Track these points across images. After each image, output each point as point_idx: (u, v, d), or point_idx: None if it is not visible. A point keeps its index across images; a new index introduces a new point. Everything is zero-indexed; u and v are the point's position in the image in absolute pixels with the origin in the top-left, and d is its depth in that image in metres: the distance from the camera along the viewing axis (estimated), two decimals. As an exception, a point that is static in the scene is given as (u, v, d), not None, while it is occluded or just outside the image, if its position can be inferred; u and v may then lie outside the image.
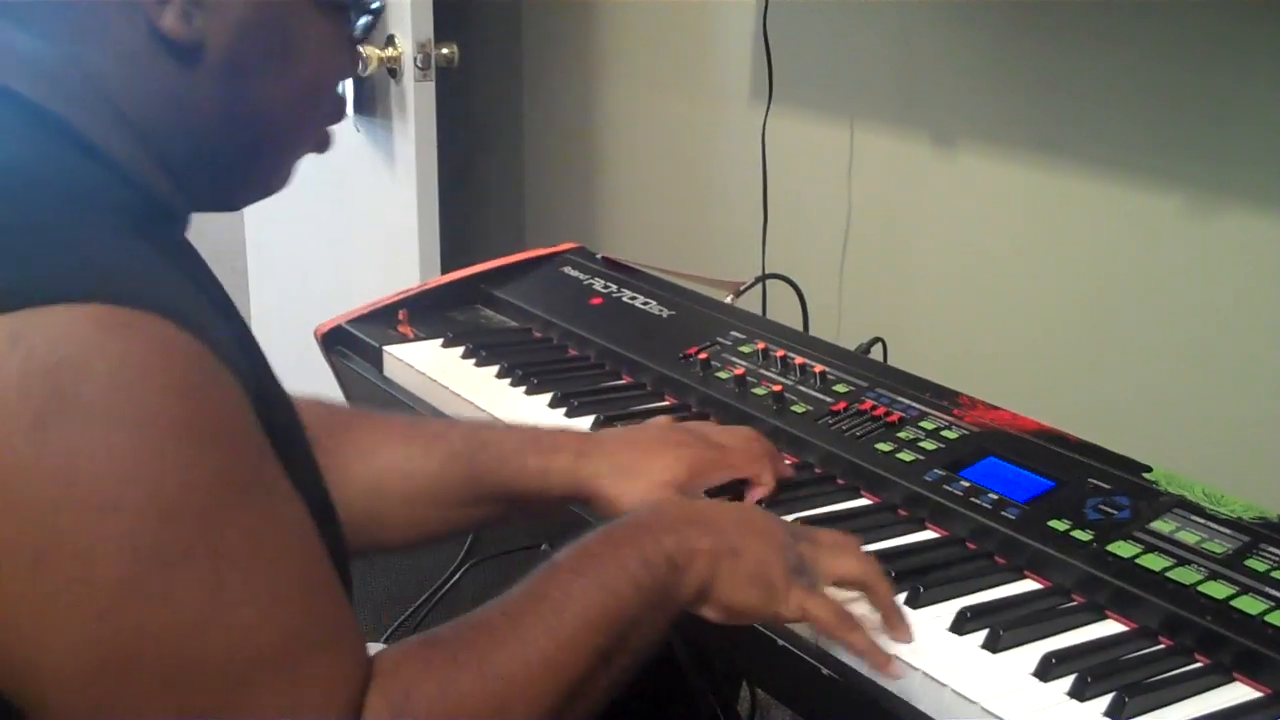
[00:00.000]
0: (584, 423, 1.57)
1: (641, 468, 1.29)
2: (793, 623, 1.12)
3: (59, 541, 0.77)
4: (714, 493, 1.33)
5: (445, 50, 2.66)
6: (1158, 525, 1.26)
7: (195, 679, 0.80)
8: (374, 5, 1.07)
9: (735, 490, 1.36)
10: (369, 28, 1.07)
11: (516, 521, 1.37)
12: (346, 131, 2.82)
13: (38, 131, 0.92)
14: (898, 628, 1.13)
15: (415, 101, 2.63)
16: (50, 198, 0.87)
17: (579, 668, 0.95)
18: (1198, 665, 1.12)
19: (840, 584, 1.14)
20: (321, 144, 1.08)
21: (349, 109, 2.71)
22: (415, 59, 2.61)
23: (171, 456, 0.79)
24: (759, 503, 1.35)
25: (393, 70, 2.65)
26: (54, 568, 0.77)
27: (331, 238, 3.06)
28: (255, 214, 3.41)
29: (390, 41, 2.64)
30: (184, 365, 0.81)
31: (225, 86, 0.97)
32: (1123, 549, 1.23)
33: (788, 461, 1.44)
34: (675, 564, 1.04)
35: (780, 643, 1.18)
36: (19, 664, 0.79)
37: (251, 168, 1.05)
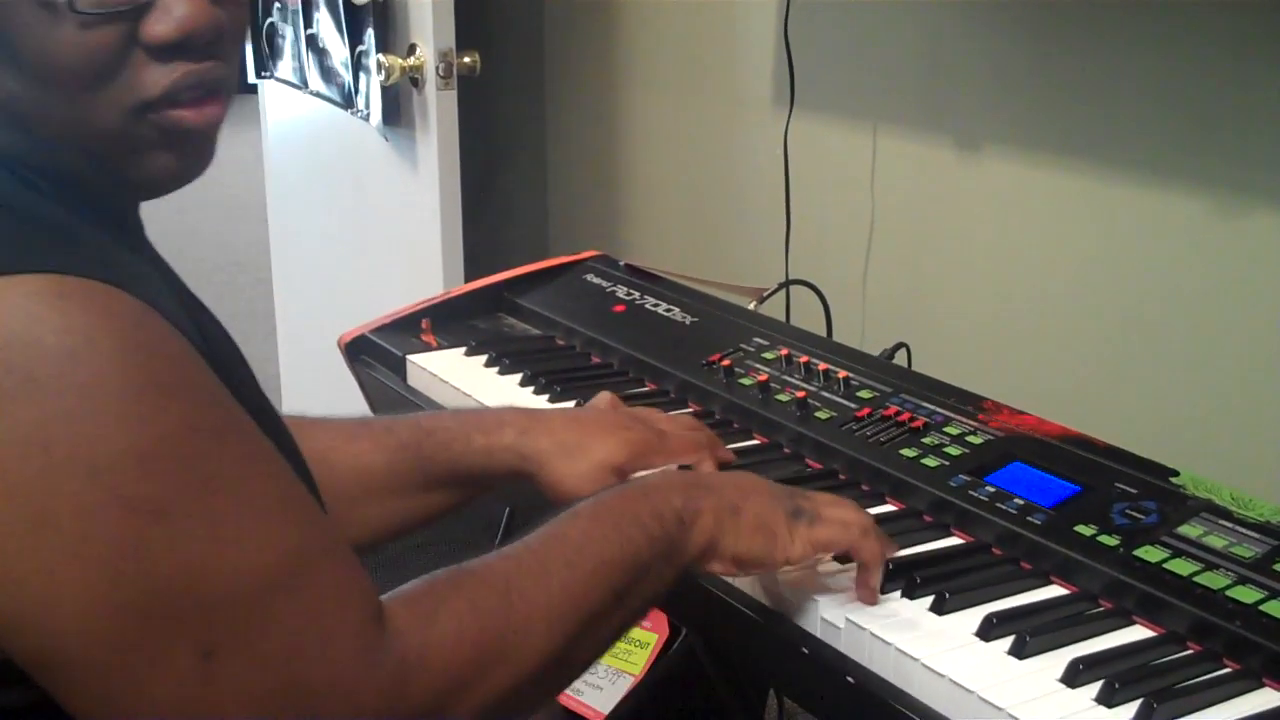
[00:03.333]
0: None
1: (584, 448, 1.33)
2: (805, 561, 1.19)
3: (53, 507, 0.80)
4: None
5: (467, 59, 2.66)
6: (1185, 530, 1.25)
7: (211, 615, 0.84)
8: None
9: None
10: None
11: (469, 505, 1.40)
12: (370, 140, 2.82)
13: None
14: (866, 586, 1.19)
15: (438, 110, 2.63)
16: None
17: (594, 602, 1.02)
18: (1227, 670, 1.11)
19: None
20: (167, 127, 0.96)
21: (375, 116, 2.72)
22: (437, 68, 2.61)
23: (133, 414, 0.82)
24: None
25: (415, 79, 2.65)
26: (54, 531, 0.81)
27: (355, 247, 3.07)
28: (279, 223, 3.43)
29: (412, 50, 2.64)
30: (127, 326, 0.84)
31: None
32: (1150, 554, 1.22)
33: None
34: (682, 520, 1.11)
35: (805, 650, 1.18)
36: (34, 631, 0.83)
37: (78, 157, 0.96)
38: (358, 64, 2.74)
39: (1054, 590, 1.24)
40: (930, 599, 1.19)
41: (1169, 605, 1.17)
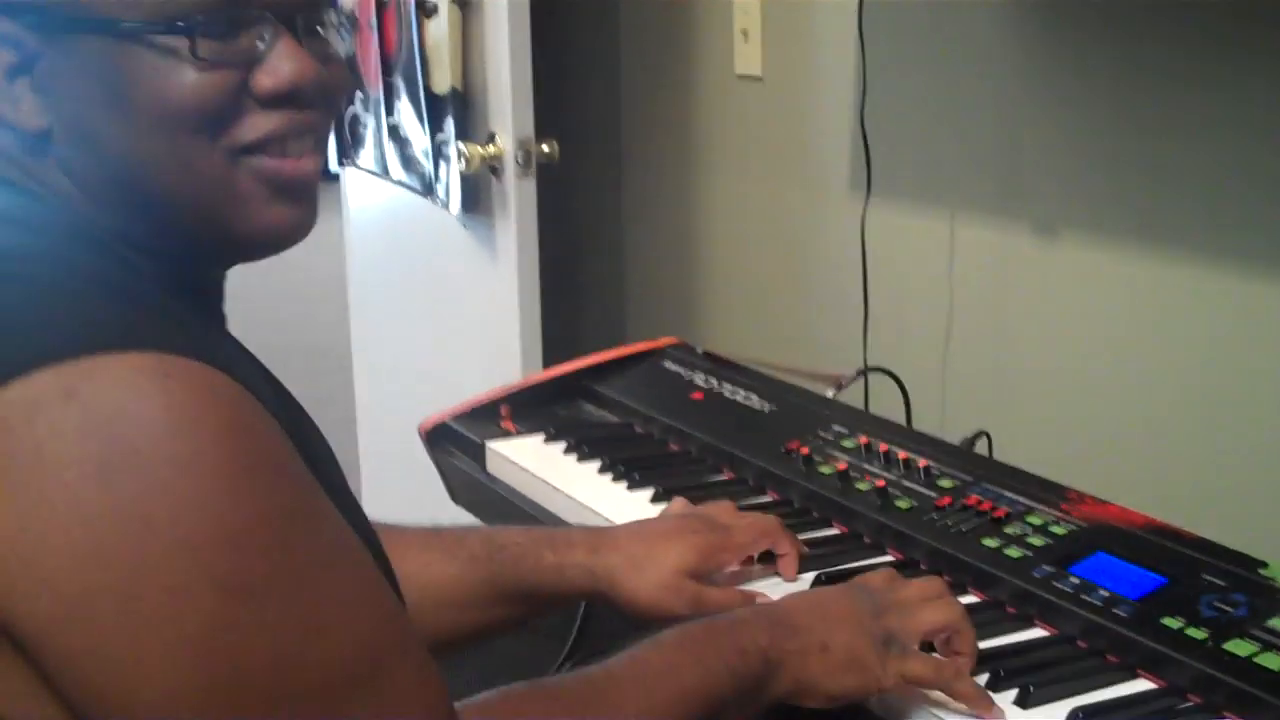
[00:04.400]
0: (686, 518, 1.56)
1: (653, 559, 1.33)
2: (898, 689, 1.16)
3: (147, 581, 0.81)
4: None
5: (546, 147, 2.69)
6: (1275, 623, 1.23)
7: (294, 701, 0.85)
8: (201, 18, 0.96)
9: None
10: (214, 38, 0.96)
11: (534, 621, 1.41)
12: (450, 228, 2.85)
13: (54, 211, 0.97)
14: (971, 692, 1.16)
15: (517, 198, 2.66)
16: (85, 261, 0.93)
17: None
18: (1321, 769, 1.09)
19: (928, 638, 1.19)
20: (280, 170, 1.00)
21: (455, 204, 2.75)
22: (516, 156, 2.64)
23: (232, 493, 0.84)
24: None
25: (494, 168, 2.68)
26: (146, 606, 0.82)
27: (435, 334, 3.09)
28: (360, 310, 3.46)
29: (491, 139, 2.67)
30: (228, 407, 0.86)
31: (83, 156, 0.97)
32: (1240, 647, 1.20)
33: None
34: (768, 659, 1.11)
35: (887, 743, 1.17)
36: (118, 708, 0.83)
37: (186, 214, 0.99)
38: (438, 152, 2.78)
39: (1141, 684, 1.22)
40: (1015, 692, 1.18)
41: (1260, 701, 1.14)
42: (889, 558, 1.48)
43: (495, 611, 1.36)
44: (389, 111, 2.92)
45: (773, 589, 1.39)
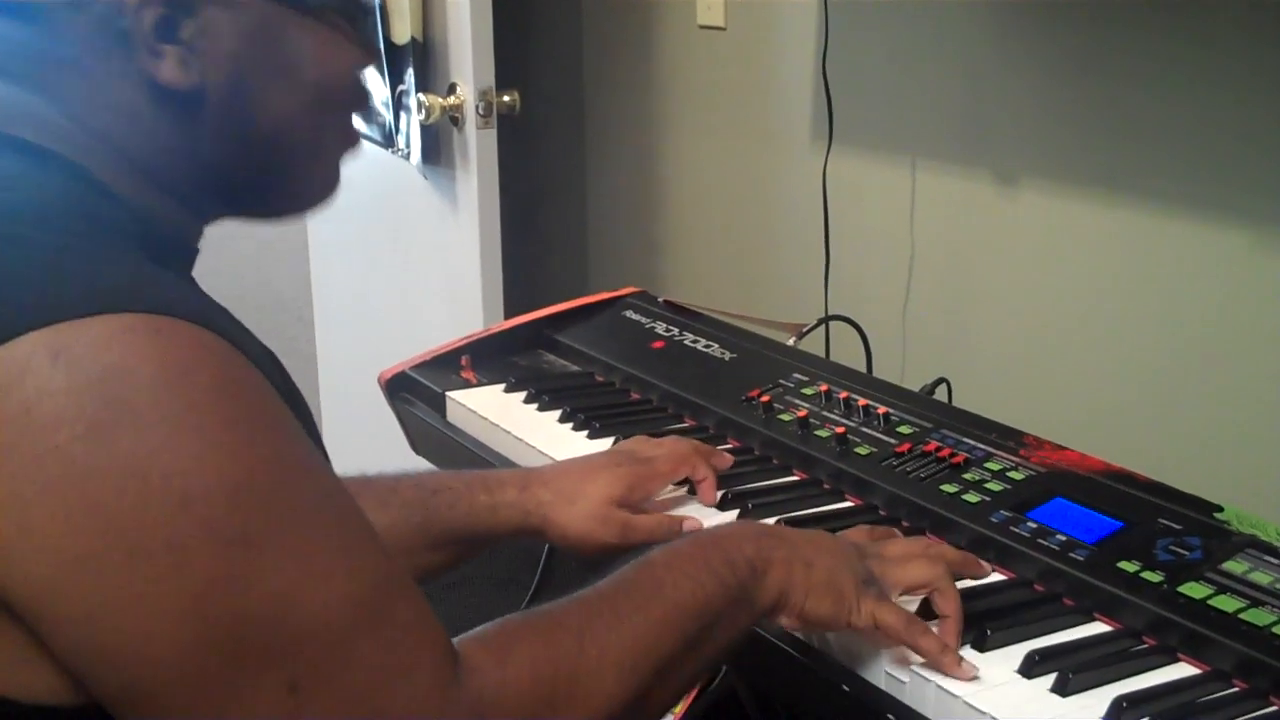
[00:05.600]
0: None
1: (582, 491, 1.37)
2: (865, 630, 1.16)
3: (148, 537, 0.81)
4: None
5: (507, 98, 2.68)
6: (1230, 566, 1.24)
7: (298, 647, 0.85)
8: (362, 6, 1.08)
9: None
10: (365, 19, 1.08)
11: (469, 562, 1.43)
12: (411, 179, 2.84)
13: (51, 172, 0.95)
14: (952, 638, 1.17)
15: (478, 148, 2.65)
16: (73, 225, 0.92)
17: (666, 648, 1.03)
18: (1273, 708, 1.10)
19: (909, 592, 1.20)
20: (353, 139, 1.12)
21: (415, 155, 2.74)
22: (477, 106, 2.63)
23: (227, 447, 0.84)
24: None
25: (455, 118, 2.67)
26: (148, 562, 0.81)
27: (396, 284, 3.08)
28: (321, 261, 3.45)
29: (452, 90, 2.66)
30: (219, 363, 0.86)
31: (235, 118, 1.01)
32: (1194, 590, 1.21)
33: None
34: (755, 568, 1.12)
35: (846, 688, 1.17)
36: (125, 664, 0.83)
37: (285, 181, 1.08)
38: (398, 103, 2.76)
39: (1097, 627, 1.23)
40: (971, 636, 1.19)
41: (1214, 642, 1.15)
42: (848, 503, 1.49)
43: (432, 555, 1.38)
44: (348, 61, 2.90)
45: (701, 514, 1.44)
